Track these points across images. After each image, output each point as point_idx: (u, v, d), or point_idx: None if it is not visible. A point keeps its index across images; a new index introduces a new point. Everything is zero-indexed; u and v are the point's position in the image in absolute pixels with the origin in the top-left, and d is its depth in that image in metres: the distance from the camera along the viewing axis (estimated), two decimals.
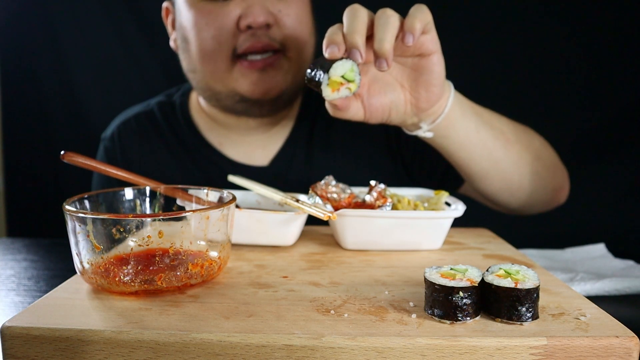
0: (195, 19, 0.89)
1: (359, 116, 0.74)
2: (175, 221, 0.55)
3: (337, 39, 0.66)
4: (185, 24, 0.91)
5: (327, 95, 0.67)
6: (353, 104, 0.72)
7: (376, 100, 0.73)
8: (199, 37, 0.89)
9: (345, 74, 0.66)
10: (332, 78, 0.66)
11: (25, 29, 1.57)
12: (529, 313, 0.46)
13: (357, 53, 0.65)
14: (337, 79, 0.66)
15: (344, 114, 0.72)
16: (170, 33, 1.00)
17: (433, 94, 0.72)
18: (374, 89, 0.73)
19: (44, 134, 1.62)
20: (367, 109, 0.73)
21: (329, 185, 0.74)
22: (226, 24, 0.87)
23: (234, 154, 1.00)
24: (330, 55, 0.66)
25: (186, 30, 0.91)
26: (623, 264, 0.86)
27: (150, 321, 0.47)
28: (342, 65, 0.65)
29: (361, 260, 0.66)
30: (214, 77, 0.91)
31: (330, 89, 0.67)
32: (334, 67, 0.65)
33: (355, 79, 0.67)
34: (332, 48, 0.66)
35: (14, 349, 0.46)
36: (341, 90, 0.67)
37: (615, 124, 1.47)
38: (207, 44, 0.88)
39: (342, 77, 0.66)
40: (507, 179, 0.84)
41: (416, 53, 0.70)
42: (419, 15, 0.66)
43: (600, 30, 1.44)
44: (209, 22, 0.87)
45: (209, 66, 0.90)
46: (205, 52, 0.89)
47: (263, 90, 0.90)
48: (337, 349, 0.44)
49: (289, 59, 0.90)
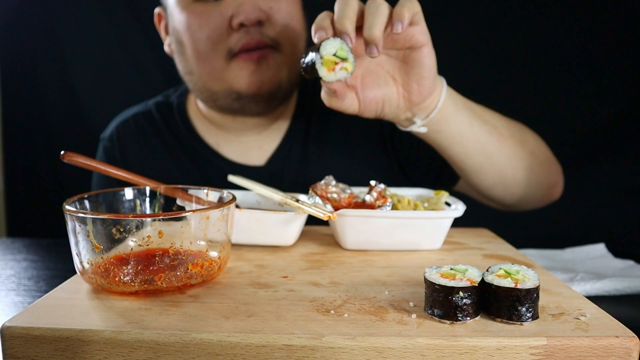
0: (189, 21, 0.89)
1: (354, 108, 0.74)
2: (175, 221, 0.55)
3: (325, 24, 0.67)
4: (178, 27, 0.92)
5: (324, 75, 0.67)
6: (348, 94, 0.73)
7: (370, 92, 0.74)
8: (194, 39, 0.90)
9: (337, 52, 0.66)
10: (324, 57, 0.66)
11: (25, 29, 1.57)
12: (529, 313, 0.46)
13: (347, 38, 0.66)
14: (330, 58, 0.66)
15: (340, 103, 0.73)
16: (163, 38, 1.00)
17: (425, 87, 0.73)
18: (367, 81, 0.74)
19: (44, 134, 1.62)
20: (362, 101, 0.74)
21: (329, 185, 0.74)
22: (219, 23, 0.87)
23: (230, 153, 1.01)
24: (319, 39, 0.67)
25: (180, 33, 0.92)
26: (623, 264, 0.86)
27: (150, 321, 0.47)
28: (332, 43, 0.66)
29: (361, 260, 0.66)
30: (210, 77, 0.91)
31: (326, 69, 0.67)
32: (323, 45, 0.66)
33: (348, 57, 0.67)
34: (320, 32, 0.67)
35: (14, 349, 0.46)
36: (337, 71, 0.67)
37: (615, 124, 1.47)
38: (202, 44, 0.89)
39: (335, 55, 0.66)
40: (501, 173, 0.85)
41: (406, 45, 0.71)
42: (407, 4, 0.67)
43: (599, 29, 1.44)
44: (202, 23, 0.88)
45: (205, 66, 0.91)
46: (201, 53, 0.90)
47: (258, 83, 0.90)
48: (337, 349, 0.44)
49: (282, 54, 0.91)
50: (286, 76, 0.93)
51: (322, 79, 0.67)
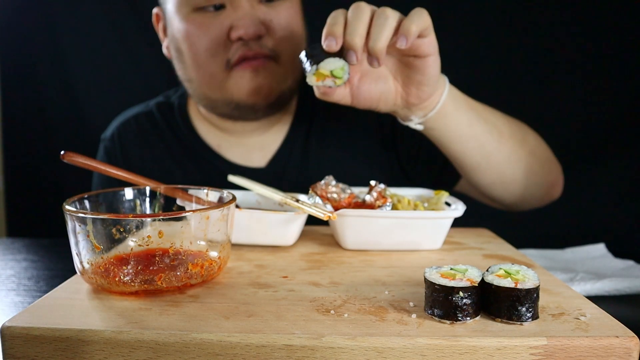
0: (188, 31, 0.89)
1: (345, 101, 0.75)
2: (175, 221, 0.55)
3: (337, 31, 0.67)
4: (177, 35, 0.92)
5: (310, 81, 0.69)
6: (339, 89, 0.73)
7: (366, 88, 0.74)
8: (193, 50, 0.90)
9: (335, 70, 0.67)
10: (320, 70, 0.68)
11: (25, 29, 1.57)
12: (529, 313, 0.46)
13: (354, 55, 0.66)
14: (325, 72, 0.68)
15: (329, 97, 0.73)
16: (162, 39, 1.00)
17: (423, 92, 0.74)
18: (365, 79, 0.74)
19: (44, 134, 1.62)
20: (355, 95, 0.75)
21: (329, 185, 0.74)
22: (218, 35, 0.87)
23: (231, 155, 1.01)
24: (327, 48, 0.67)
25: (179, 42, 0.92)
26: (623, 264, 0.86)
27: (150, 321, 0.47)
28: (334, 63, 0.67)
29: (361, 260, 0.66)
30: (209, 86, 0.92)
31: (315, 78, 0.68)
32: (325, 61, 0.67)
33: (342, 77, 0.68)
34: (330, 41, 0.67)
35: (14, 349, 0.46)
36: (326, 81, 0.69)
37: (616, 124, 1.47)
38: (200, 54, 0.89)
39: (331, 72, 0.68)
40: (500, 172, 0.85)
41: (412, 54, 0.71)
42: (417, 20, 0.66)
43: (599, 29, 1.44)
44: (201, 34, 0.88)
45: (204, 76, 0.91)
46: (200, 64, 0.90)
47: (257, 92, 0.90)
48: (337, 349, 0.44)
49: (280, 65, 0.91)
50: (285, 85, 0.93)
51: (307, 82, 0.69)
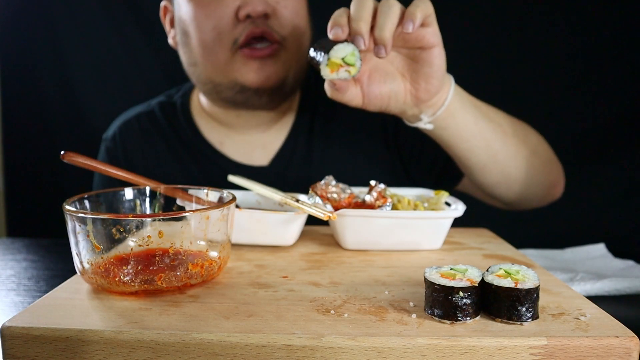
0: (195, 12, 0.90)
1: (357, 101, 0.75)
2: (175, 221, 0.55)
3: (342, 21, 0.67)
4: (184, 17, 0.92)
5: (325, 74, 0.68)
6: (351, 87, 0.73)
7: (376, 87, 0.74)
8: (200, 30, 0.90)
9: (346, 57, 0.67)
10: (331, 59, 0.67)
11: (25, 29, 1.57)
12: (529, 313, 0.46)
13: (361, 40, 0.66)
14: (337, 61, 0.67)
15: (342, 96, 0.73)
16: (168, 31, 1.01)
17: (432, 86, 0.74)
18: (374, 77, 0.74)
19: (44, 134, 1.62)
20: (366, 95, 0.75)
21: (329, 185, 0.74)
22: (226, 14, 0.88)
23: (234, 153, 1.01)
24: (334, 37, 0.67)
25: (186, 24, 0.92)
26: (623, 264, 0.86)
27: (150, 321, 0.47)
28: (344, 49, 0.67)
29: (361, 260, 0.66)
30: (215, 68, 0.92)
31: (329, 69, 0.68)
32: (334, 49, 0.67)
33: (355, 63, 0.68)
34: (336, 29, 0.67)
35: (14, 349, 0.46)
36: (340, 72, 0.68)
37: (616, 124, 1.47)
38: (207, 35, 0.90)
39: (343, 60, 0.67)
40: (505, 171, 0.86)
41: (417, 45, 0.71)
42: (421, 5, 0.67)
43: (600, 29, 1.44)
44: (208, 13, 0.89)
45: (210, 58, 0.91)
46: (206, 44, 0.90)
47: (264, 78, 0.91)
48: (337, 349, 0.44)
49: (287, 51, 0.92)
50: (291, 72, 0.93)
51: (322, 76, 0.69)
